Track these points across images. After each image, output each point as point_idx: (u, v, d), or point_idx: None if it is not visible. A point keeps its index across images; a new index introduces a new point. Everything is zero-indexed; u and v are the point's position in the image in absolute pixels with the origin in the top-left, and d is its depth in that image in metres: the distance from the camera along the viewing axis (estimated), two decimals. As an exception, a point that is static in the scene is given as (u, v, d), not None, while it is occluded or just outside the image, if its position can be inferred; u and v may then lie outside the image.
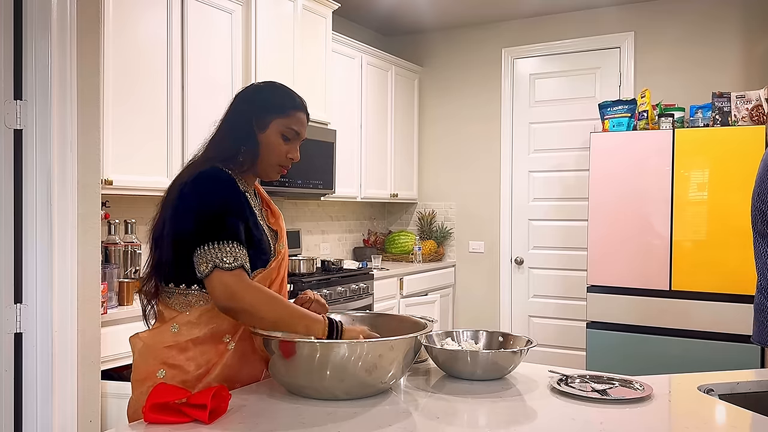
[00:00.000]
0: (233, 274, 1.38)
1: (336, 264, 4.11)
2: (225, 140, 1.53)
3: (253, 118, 1.53)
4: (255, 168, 1.56)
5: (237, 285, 1.38)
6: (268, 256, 1.53)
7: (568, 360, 4.48)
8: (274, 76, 3.61)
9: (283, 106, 1.56)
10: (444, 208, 5.29)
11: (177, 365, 1.43)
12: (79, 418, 2.29)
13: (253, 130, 1.53)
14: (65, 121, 2.24)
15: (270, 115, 1.54)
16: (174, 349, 1.44)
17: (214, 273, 1.37)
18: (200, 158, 1.53)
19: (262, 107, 1.55)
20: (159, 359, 1.44)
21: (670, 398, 1.45)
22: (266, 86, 1.62)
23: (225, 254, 1.38)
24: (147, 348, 1.47)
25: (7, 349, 2.22)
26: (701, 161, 3.75)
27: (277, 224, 1.62)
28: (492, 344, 1.69)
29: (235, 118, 1.55)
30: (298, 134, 1.59)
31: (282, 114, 1.55)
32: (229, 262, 1.38)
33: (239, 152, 1.52)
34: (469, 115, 5.17)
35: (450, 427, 1.25)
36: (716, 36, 4.30)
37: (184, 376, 1.42)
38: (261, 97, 1.57)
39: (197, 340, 1.44)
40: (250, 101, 1.56)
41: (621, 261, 3.93)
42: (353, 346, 1.33)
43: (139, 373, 1.47)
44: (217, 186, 1.45)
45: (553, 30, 4.81)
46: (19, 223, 2.24)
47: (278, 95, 1.58)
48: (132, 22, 2.87)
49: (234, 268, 1.38)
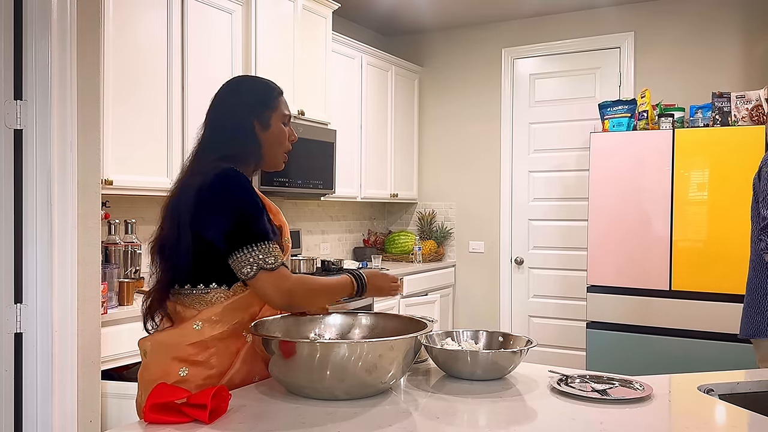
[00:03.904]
0: (279, 273, 1.43)
1: (336, 264, 4.11)
2: (231, 142, 1.54)
3: (254, 120, 1.56)
4: (261, 164, 1.62)
5: (286, 282, 1.44)
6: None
7: (568, 360, 4.48)
8: (275, 76, 3.59)
9: (272, 99, 1.60)
10: (444, 208, 5.29)
11: (201, 362, 1.44)
12: (79, 418, 2.29)
13: (255, 131, 1.56)
14: (65, 121, 2.24)
15: (268, 112, 1.58)
16: (198, 346, 1.44)
17: (259, 275, 1.42)
18: (205, 162, 1.51)
19: (259, 107, 1.57)
20: (180, 358, 1.44)
21: (670, 398, 1.45)
22: (249, 84, 1.64)
23: (267, 255, 1.42)
24: (164, 347, 1.46)
25: (7, 349, 2.22)
26: (701, 161, 3.75)
27: (278, 220, 1.63)
28: (492, 344, 1.69)
29: (234, 123, 1.55)
30: (290, 115, 1.66)
31: (275, 107, 1.60)
32: (272, 262, 1.42)
33: (247, 153, 1.55)
34: (469, 115, 5.17)
35: (450, 427, 1.25)
36: (716, 36, 4.30)
37: (208, 372, 1.44)
38: (254, 98, 1.58)
39: (220, 335, 1.46)
40: (243, 103, 1.57)
41: (621, 261, 3.93)
42: (353, 346, 1.33)
43: (152, 373, 1.45)
44: (241, 187, 1.47)
45: (553, 30, 4.81)
46: (19, 223, 2.24)
47: (262, 89, 1.61)
48: (132, 22, 2.87)
49: (277, 267, 1.43)
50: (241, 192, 1.45)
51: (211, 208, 1.44)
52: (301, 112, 3.80)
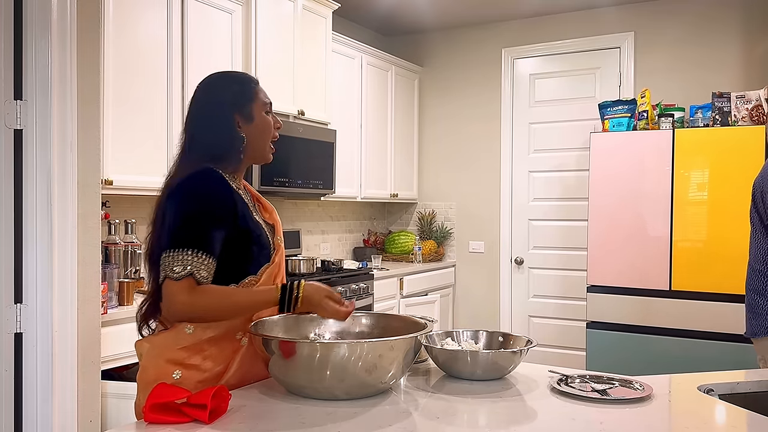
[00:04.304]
0: (180, 285, 1.36)
1: (336, 264, 4.11)
2: (214, 142, 1.51)
3: (235, 114, 1.53)
4: (250, 158, 1.58)
5: (180, 296, 1.37)
6: (269, 251, 1.55)
7: (568, 360, 4.48)
8: (274, 76, 3.62)
9: (250, 90, 1.57)
10: (444, 208, 5.29)
11: (193, 365, 1.43)
12: (79, 418, 2.29)
13: (238, 126, 1.53)
14: (65, 121, 2.24)
15: (249, 104, 1.55)
16: (190, 350, 1.44)
17: (165, 282, 1.38)
18: (188, 165, 1.49)
19: (239, 101, 1.54)
20: (173, 361, 1.43)
21: (670, 398, 1.45)
22: (224, 80, 1.60)
23: (176, 263, 1.37)
24: (158, 350, 1.45)
25: (7, 349, 2.22)
26: (701, 161, 3.75)
27: (272, 218, 1.63)
28: (492, 344, 1.69)
29: (215, 121, 1.52)
30: (271, 102, 1.62)
31: (255, 97, 1.57)
32: (178, 271, 1.36)
33: (232, 151, 1.52)
34: (469, 115, 5.17)
35: (450, 427, 1.25)
36: (716, 36, 4.30)
37: (201, 376, 1.43)
38: (232, 93, 1.54)
39: (213, 339, 1.45)
40: (222, 100, 1.54)
41: (621, 261, 3.93)
42: (353, 346, 1.33)
43: (149, 375, 1.45)
44: (203, 189, 1.43)
45: (553, 30, 4.81)
46: (19, 223, 2.24)
47: (239, 82, 1.58)
48: (132, 22, 2.87)
49: (181, 277, 1.36)
50: (198, 196, 1.42)
51: (170, 208, 1.43)
52: (301, 112, 3.80)
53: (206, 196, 1.43)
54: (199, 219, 1.41)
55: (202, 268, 1.38)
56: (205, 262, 1.39)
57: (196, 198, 1.42)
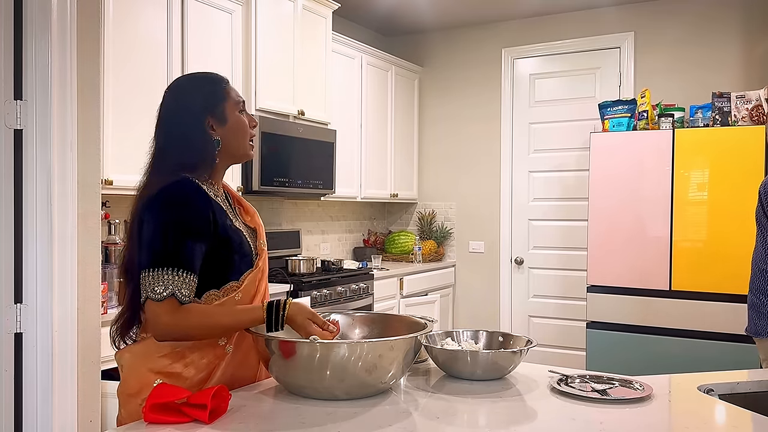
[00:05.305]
0: (162, 307, 1.34)
1: (336, 264, 4.11)
2: (186, 149, 1.47)
3: (207, 117, 1.48)
4: (230, 158, 1.54)
5: (165, 317, 1.35)
6: (251, 257, 1.51)
7: (568, 360, 4.48)
8: (274, 76, 3.62)
9: (220, 90, 1.52)
10: (444, 208, 5.29)
11: (174, 373, 1.40)
12: (79, 418, 2.29)
13: (211, 130, 1.49)
14: (65, 121, 2.24)
15: (221, 104, 1.50)
16: (170, 357, 1.41)
17: (147, 303, 1.36)
18: (160, 175, 1.45)
19: (211, 102, 1.50)
20: (154, 369, 1.41)
21: (670, 398, 1.45)
22: (193, 82, 1.56)
23: (157, 283, 1.34)
24: (140, 358, 1.42)
25: (7, 349, 2.22)
26: (701, 161, 3.75)
27: (254, 221, 1.59)
28: (492, 344, 1.69)
29: (186, 128, 1.48)
30: (243, 101, 1.57)
31: (226, 97, 1.52)
32: (159, 291, 1.34)
33: (206, 155, 1.48)
34: (469, 115, 5.17)
35: (450, 427, 1.25)
36: (716, 36, 4.30)
37: (182, 384, 1.39)
38: (203, 95, 1.50)
39: (194, 346, 1.42)
40: (193, 104, 1.49)
41: (621, 261, 3.93)
42: (353, 346, 1.33)
43: (131, 387, 1.42)
44: (177, 204, 1.39)
45: (553, 30, 4.81)
46: (19, 223, 2.24)
47: (208, 84, 1.53)
48: (132, 22, 2.87)
49: (163, 299, 1.34)
50: (175, 208, 1.38)
51: (147, 222, 1.39)
52: (301, 112, 3.80)
53: (183, 209, 1.39)
54: (178, 234, 1.37)
55: (184, 287, 1.36)
56: (186, 281, 1.36)
57: (172, 211, 1.38)
